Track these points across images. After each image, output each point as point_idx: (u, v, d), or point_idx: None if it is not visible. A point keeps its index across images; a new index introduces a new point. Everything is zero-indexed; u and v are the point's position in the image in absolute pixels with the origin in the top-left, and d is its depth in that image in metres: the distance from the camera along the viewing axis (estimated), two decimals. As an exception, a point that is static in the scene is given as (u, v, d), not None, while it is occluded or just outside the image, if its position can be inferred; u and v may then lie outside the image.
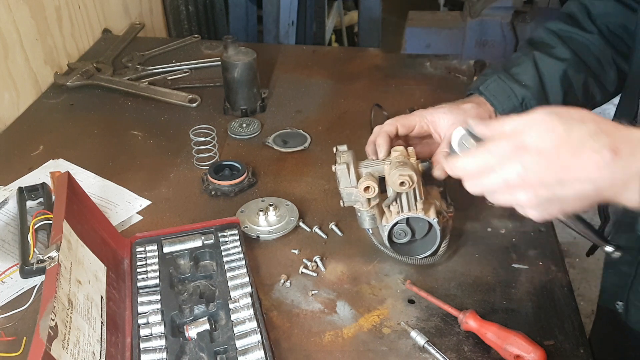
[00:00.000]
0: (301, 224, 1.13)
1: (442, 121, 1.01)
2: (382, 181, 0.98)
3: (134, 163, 1.33)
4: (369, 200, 0.98)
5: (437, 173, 0.97)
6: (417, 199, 0.97)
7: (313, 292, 1.00)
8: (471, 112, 1.01)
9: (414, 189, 0.96)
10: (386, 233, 0.99)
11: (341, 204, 1.00)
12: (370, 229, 1.03)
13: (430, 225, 0.99)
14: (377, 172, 0.98)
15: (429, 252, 1.02)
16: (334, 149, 1.02)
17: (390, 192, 0.98)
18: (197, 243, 1.04)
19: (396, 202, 0.98)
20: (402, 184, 0.92)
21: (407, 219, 0.98)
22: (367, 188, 0.96)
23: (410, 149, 1.00)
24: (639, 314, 0.98)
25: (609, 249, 0.82)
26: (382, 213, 1.01)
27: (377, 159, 1.00)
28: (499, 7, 1.65)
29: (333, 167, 0.98)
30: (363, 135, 1.29)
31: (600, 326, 1.21)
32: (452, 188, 1.07)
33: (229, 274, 0.98)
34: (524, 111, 0.97)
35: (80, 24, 1.79)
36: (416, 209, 0.97)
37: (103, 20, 1.91)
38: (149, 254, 1.03)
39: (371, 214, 1.00)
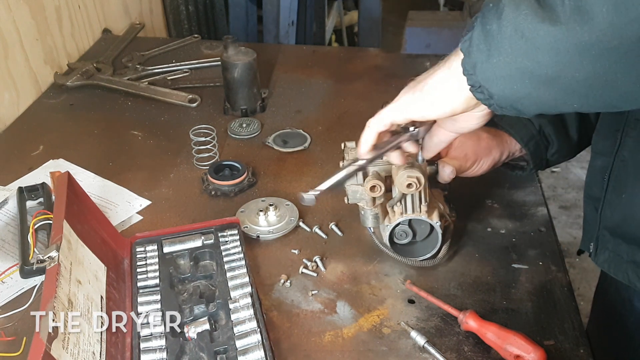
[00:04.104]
0: (301, 224, 1.14)
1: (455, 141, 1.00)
2: (387, 180, 0.98)
3: (134, 163, 1.33)
4: (373, 199, 0.98)
5: (446, 171, 0.99)
6: (422, 202, 0.97)
7: (313, 292, 1.00)
8: (485, 142, 1.04)
9: (420, 191, 0.95)
10: (387, 233, 0.99)
11: (346, 200, 1.00)
12: (371, 228, 1.03)
13: (432, 228, 0.99)
14: (384, 171, 0.98)
15: (429, 255, 1.02)
16: (342, 145, 1.02)
17: (395, 193, 0.98)
18: (197, 243, 1.04)
19: (400, 203, 0.98)
20: (409, 185, 0.91)
21: (410, 220, 0.98)
22: (373, 187, 0.95)
23: None
24: (604, 253, 0.97)
25: None
26: (385, 213, 1.01)
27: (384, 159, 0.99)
28: (499, 7, 1.65)
29: (340, 163, 0.98)
30: (363, 135, 1.30)
31: (597, 314, 1.21)
32: (455, 192, 1.07)
33: (229, 274, 0.98)
34: (543, 138, 1.11)
35: (80, 24, 1.79)
36: (420, 211, 0.97)
37: (103, 20, 1.91)
38: (149, 254, 1.03)
39: (374, 213, 1.00)
